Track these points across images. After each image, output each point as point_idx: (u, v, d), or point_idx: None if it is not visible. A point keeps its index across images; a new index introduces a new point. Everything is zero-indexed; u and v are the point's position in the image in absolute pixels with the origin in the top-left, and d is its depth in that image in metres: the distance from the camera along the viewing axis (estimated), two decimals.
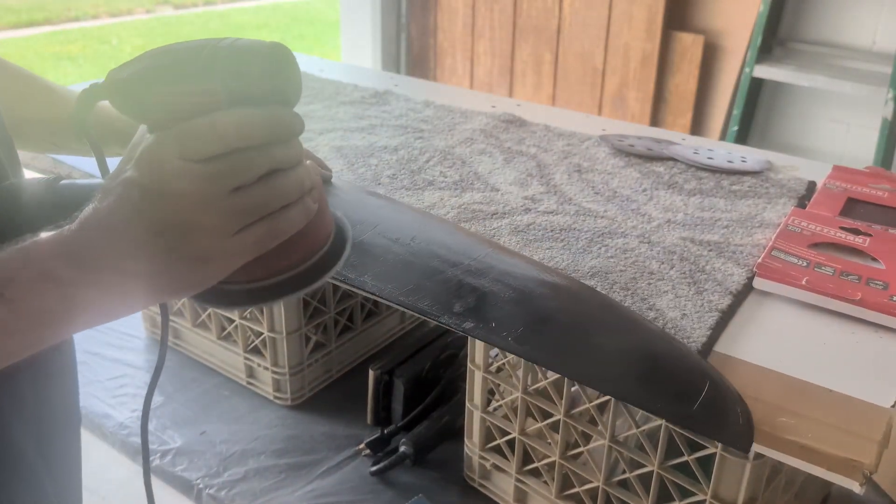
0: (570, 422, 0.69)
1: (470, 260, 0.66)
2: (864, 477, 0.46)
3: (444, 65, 2.95)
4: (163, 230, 0.40)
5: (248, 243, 0.42)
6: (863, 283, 0.65)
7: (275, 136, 0.41)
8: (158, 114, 0.41)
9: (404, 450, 0.83)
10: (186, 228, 0.40)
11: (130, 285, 0.41)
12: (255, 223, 0.42)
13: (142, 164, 0.40)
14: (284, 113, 0.42)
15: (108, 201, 0.40)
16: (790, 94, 2.33)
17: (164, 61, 0.41)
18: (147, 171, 0.40)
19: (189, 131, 0.40)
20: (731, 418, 0.51)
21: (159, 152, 0.40)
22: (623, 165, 0.91)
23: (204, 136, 0.40)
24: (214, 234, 0.41)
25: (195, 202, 0.40)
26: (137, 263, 0.40)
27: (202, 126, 0.40)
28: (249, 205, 0.41)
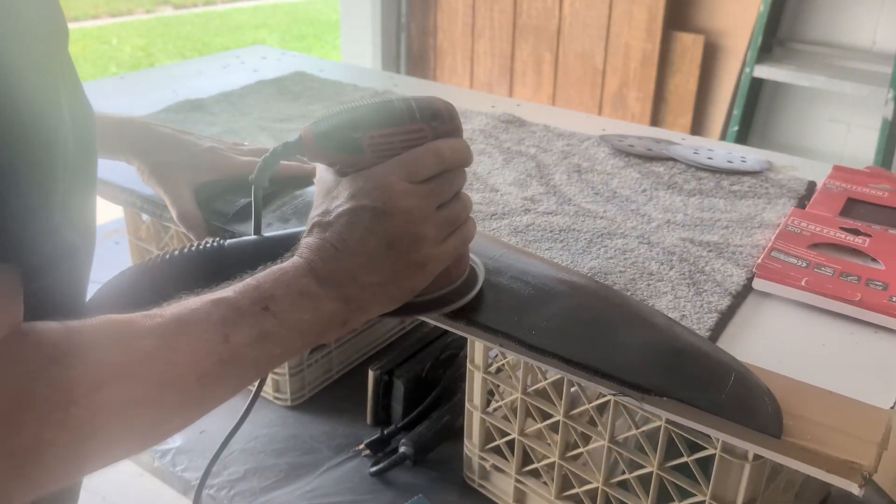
0: (570, 422, 0.69)
1: (486, 259, 0.66)
2: (863, 478, 0.46)
3: (444, 65, 2.95)
4: (393, 242, 0.49)
5: (450, 249, 0.53)
6: (862, 283, 0.65)
7: (466, 160, 0.54)
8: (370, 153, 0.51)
9: (404, 450, 0.83)
10: (412, 239, 0.50)
11: (368, 295, 0.50)
12: (454, 232, 0.53)
13: (366, 192, 0.49)
14: (467, 143, 0.55)
15: (334, 230, 0.49)
16: (790, 94, 2.33)
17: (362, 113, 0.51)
18: (375, 196, 0.49)
19: (413, 157, 0.51)
20: (760, 405, 0.51)
21: (387, 179, 0.50)
22: (623, 166, 0.91)
23: (427, 159, 0.51)
24: (431, 242, 0.51)
25: (418, 216, 0.50)
26: (373, 275, 0.49)
27: (425, 152, 0.51)
28: (451, 216, 0.52)
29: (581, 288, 0.65)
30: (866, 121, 2.18)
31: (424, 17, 2.93)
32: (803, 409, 0.51)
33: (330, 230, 0.49)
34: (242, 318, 0.44)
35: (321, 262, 0.48)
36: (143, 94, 1.13)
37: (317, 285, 0.48)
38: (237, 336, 0.43)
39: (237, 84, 1.18)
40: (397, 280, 0.50)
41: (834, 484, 0.47)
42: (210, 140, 0.79)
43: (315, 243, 0.49)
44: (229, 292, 0.45)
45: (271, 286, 0.46)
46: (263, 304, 0.45)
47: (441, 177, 0.51)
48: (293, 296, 0.46)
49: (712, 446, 0.58)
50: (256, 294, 0.45)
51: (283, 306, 0.46)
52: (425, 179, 0.51)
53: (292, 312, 0.46)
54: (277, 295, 0.46)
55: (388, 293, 0.51)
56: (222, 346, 0.42)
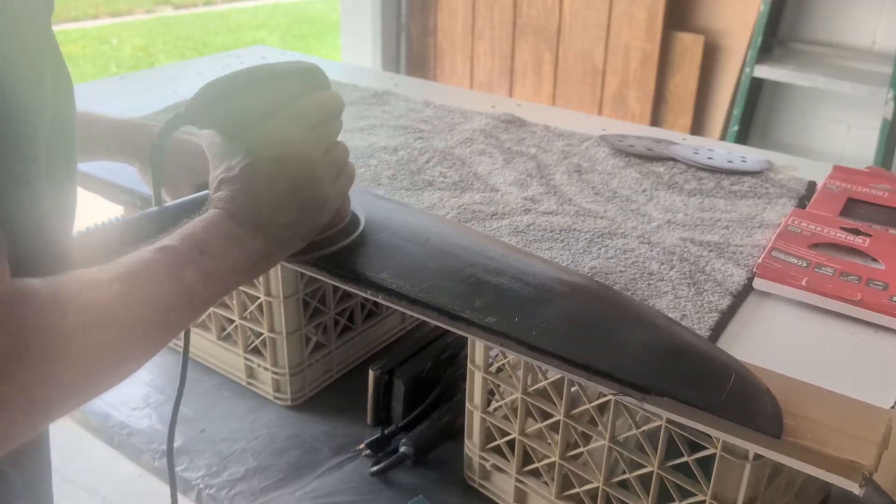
0: (570, 422, 0.69)
1: (487, 259, 0.66)
2: (863, 478, 0.46)
3: (444, 65, 2.95)
4: (295, 184, 0.56)
5: (342, 187, 0.61)
6: (863, 283, 0.65)
7: (340, 108, 0.60)
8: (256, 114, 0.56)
9: (404, 450, 0.83)
10: (310, 180, 0.57)
11: (285, 233, 0.56)
12: (341, 173, 0.60)
13: (266, 144, 0.55)
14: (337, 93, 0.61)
15: (242, 181, 0.55)
16: (790, 94, 2.33)
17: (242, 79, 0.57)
18: (273, 147, 0.55)
19: (302, 110, 0.57)
20: (760, 405, 0.51)
21: (280, 131, 0.56)
22: (623, 166, 0.91)
23: (313, 109, 0.58)
24: (326, 181, 0.58)
25: (313, 159, 0.57)
26: (285, 215, 0.56)
27: (311, 103, 0.58)
28: (337, 158, 0.60)
29: (581, 288, 0.65)
30: (866, 121, 2.18)
31: (424, 17, 2.93)
32: (803, 408, 0.51)
33: (239, 182, 0.55)
34: (187, 262, 0.49)
35: (238, 208, 0.54)
36: (143, 94, 1.13)
37: (239, 228, 0.53)
38: (186, 278, 0.48)
39: None
40: (305, 217, 0.57)
41: (834, 483, 0.48)
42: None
43: (227, 195, 0.54)
44: (170, 241, 0.49)
45: (201, 232, 0.51)
46: (200, 249, 0.50)
47: (325, 123, 0.59)
48: (222, 239, 0.52)
49: (713, 446, 0.58)
50: (192, 240, 0.50)
51: (215, 248, 0.51)
52: (313, 126, 0.57)
53: (225, 253, 0.52)
54: (209, 239, 0.51)
55: (297, 231, 0.57)
56: (178, 286, 0.47)
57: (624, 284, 0.66)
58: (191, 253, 0.49)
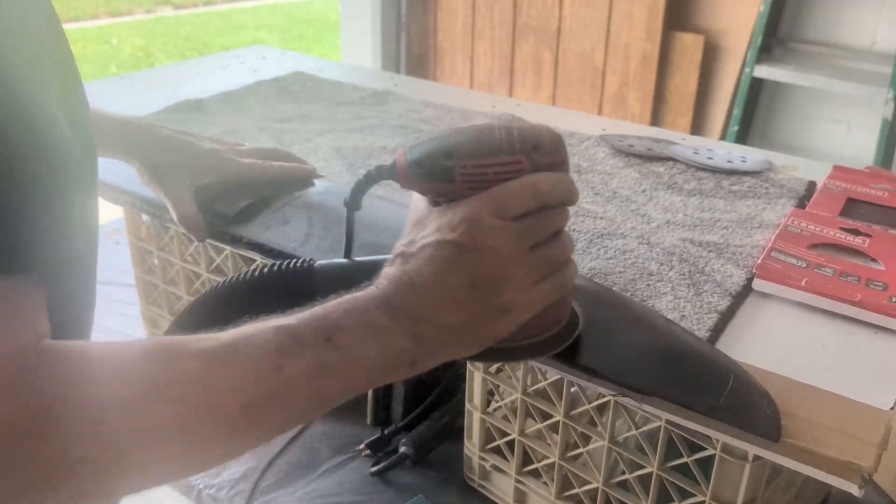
0: (570, 423, 0.69)
1: None
2: (863, 479, 0.47)
3: (444, 65, 2.95)
4: (476, 283, 0.45)
5: (542, 294, 0.48)
6: (862, 284, 0.65)
7: (569, 198, 0.48)
8: (461, 184, 0.47)
9: (404, 450, 0.83)
10: (497, 281, 0.46)
11: (442, 336, 0.46)
12: (548, 276, 0.48)
13: (453, 225, 0.45)
14: (572, 179, 0.49)
15: (415, 262, 0.46)
16: (790, 94, 2.33)
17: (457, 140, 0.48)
18: (462, 231, 0.45)
19: (506, 192, 0.46)
20: (758, 409, 0.51)
21: (475, 213, 0.45)
22: (623, 166, 0.91)
23: (521, 195, 0.46)
24: (519, 285, 0.46)
25: (506, 256, 0.45)
26: (451, 315, 0.45)
27: (519, 186, 0.46)
28: (546, 259, 0.47)
29: (580, 289, 0.65)
30: (866, 121, 2.18)
31: (424, 17, 2.93)
32: (803, 409, 0.51)
33: (411, 262, 0.46)
34: (301, 348, 0.41)
35: (396, 294, 0.45)
36: (143, 94, 1.13)
37: (388, 319, 0.44)
38: (292, 367, 0.40)
39: (237, 84, 1.18)
40: (477, 323, 0.46)
41: (834, 485, 0.48)
42: (211, 141, 0.79)
43: (394, 274, 0.46)
44: (293, 319, 0.42)
45: (339, 316, 0.43)
46: (327, 335, 0.42)
47: (537, 214, 0.47)
48: (361, 328, 0.43)
49: (712, 447, 0.58)
50: (321, 323, 0.43)
51: (348, 339, 0.43)
52: (518, 216, 0.46)
53: (357, 346, 0.43)
54: (344, 325, 0.43)
55: (464, 337, 0.47)
56: (273, 376, 0.40)
57: (623, 285, 0.66)
58: (314, 338, 0.41)
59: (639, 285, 0.66)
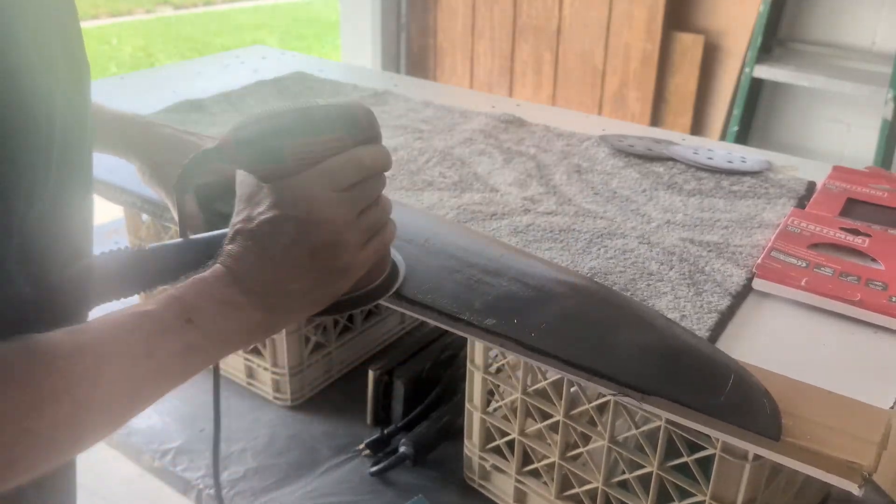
0: (570, 423, 0.69)
1: (486, 260, 0.66)
2: (862, 478, 0.47)
3: (444, 65, 2.95)
4: (316, 251, 0.49)
5: (371, 253, 0.53)
6: (862, 283, 0.65)
7: (385, 166, 0.53)
8: (292, 162, 0.50)
9: (404, 450, 0.83)
10: (334, 247, 0.50)
11: (292, 303, 0.50)
12: (374, 237, 0.53)
13: (290, 202, 0.49)
14: (386, 149, 0.54)
15: (257, 238, 0.49)
16: (790, 94, 2.33)
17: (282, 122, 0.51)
18: (300, 206, 0.49)
19: (334, 167, 0.50)
20: (758, 408, 0.51)
21: (308, 188, 0.49)
22: (623, 166, 0.91)
23: (348, 168, 0.51)
24: (353, 248, 0.51)
25: (340, 225, 0.50)
26: (298, 282, 0.49)
27: (346, 160, 0.51)
28: (372, 221, 0.53)
29: (580, 289, 0.65)
30: (866, 121, 2.18)
31: (424, 17, 2.93)
32: (803, 409, 0.51)
33: (253, 238, 0.49)
34: (167, 332, 0.44)
35: (244, 271, 0.48)
36: (143, 94, 1.13)
37: (240, 294, 0.47)
38: (162, 350, 0.43)
39: (237, 84, 1.18)
40: (320, 286, 0.51)
41: (834, 484, 0.48)
42: (212, 141, 0.79)
43: (237, 252, 0.49)
44: (153, 305, 0.44)
45: (193, 298, 0.46)
46: (187, 317, 0.44)
47: (362, 184, 0.52)
48: (216, 306, 0.46)
49: (712, 446, 0.58)
50: (180, 306, 0.45)
51: (206, 317, 0.45)
52: (347, 187, 0.51)
53: (216, 323, 0.46)
54: (200, 306, 0.46)
55: (311, 299, 0.51)
56: (148, 361, 0.43)
57: (623, 285, 0.66)
58: (175, 322, 0.44)
59: (639, 285, 0.66)
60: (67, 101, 0.41)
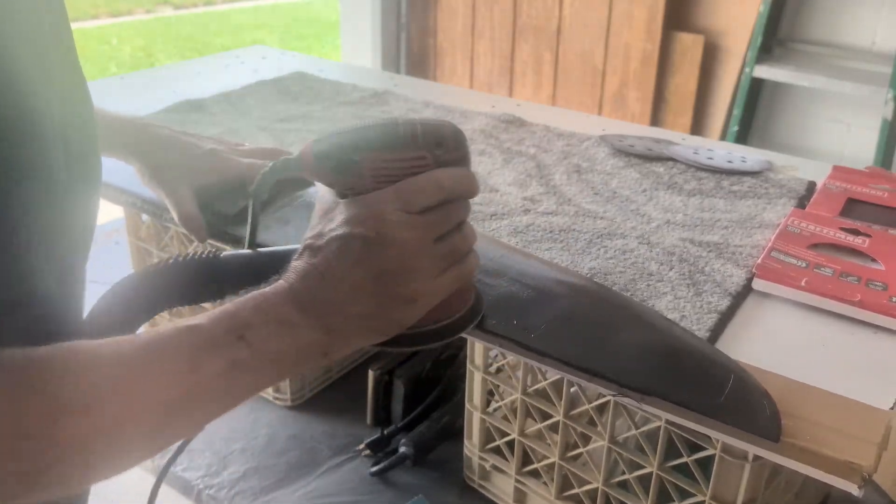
0: (570, 423, 0.69)
1: (486, 260, 0.66)
2: (862, 479, 0.47)
3: (444, 65, 2.95)
4: (382, 275, 0.47)
5: (446, 284, 0.50)
6: (862, 284, 0.65)
7: (470, 192, 0.51)
8: (369, 178, 0.48)
9: (404, 450, 0.83)
10: (403, 272, 0.47)
11: (352, 327, 0.47)
12: (451, 267, 0.50)
13: (360, 219, 0.47)
14: (473, 174, 0.52)
15: (323, 255, 0.47)
16: (790, 94, 2.33)
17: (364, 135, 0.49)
18: (369, 225, 0.47)
19: (411, 187, 0.48)
20: (758, 409, 0.51)
21: (382, 207, 0.47)
22: (623, 166, 0.91)
23: (426, 189, 0.48)
24: (424, 276, 0.48)
25: (412, 249, 0.47)
26: (359, 306, 0.47)
27: (424, 181, 0.48)
28: (450, 250, 0.50)
29: (580, 289, 0.65)
30: (866, 121, 2.18)
31: (424, 17, 2.93)
32: (803, 409, 0.51)
33: (319, 255, 0.47)
34: (214, 348, 0.42)
35: (305, 288, 0.46)
36: (143, 94, 1.13)
37: (297, 313, 0.45)
38: (207, 366, 0.41)
39: (237, 84, 1.18)
40: (384, 313, 0.48)
41: (833, 485, 0.48)
42: (211, 141, 0.79)
43: (302, 268, 0.47)
44: (203, 319, 0.43)
45: (249, 314, 0.44)
46: (239, 333, 0.43)
47: (440, 208, 0.49)
48: (271, 324, 0.44)
49: (712, 447, 0.58)
50: (232, 322, 0.43)
51: (259, 335, 0.43)
52: (423, 210, 0.48)
53: (269, 342, 0.44)
54: (254, 323, 0.44)
55: (372, 325, 0.49)
56: (190, 377, 0.41)
57: (623, 285, 0.66)
58: (226, 337, 0.42)
59: (639, 285, 0.66)
60: (67, 105, 0.41)
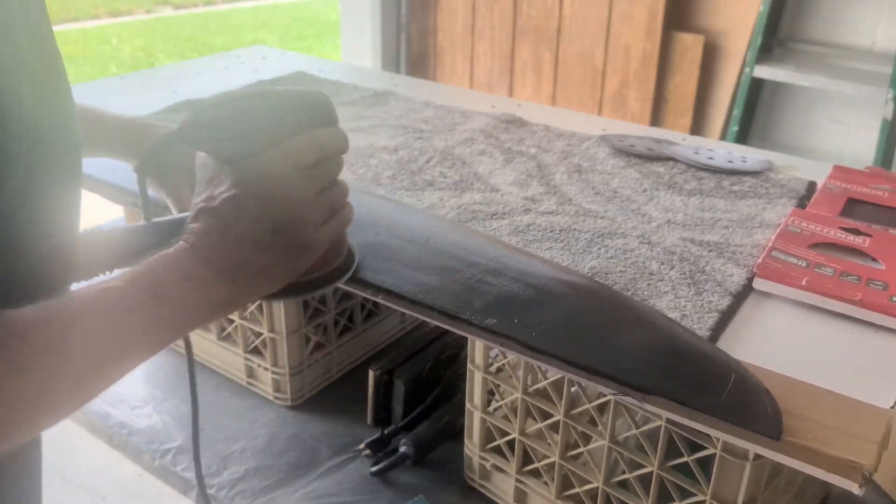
0: (570, 422, 0.69)
1: (487, 260, 0.66)
2: (863, 478, 0.47)
3: (444, 65, 2.95)
4: (278, 227, 0.51)
5: (330, 232, 0.55)
6: (863, 283, 0.65)
7: (343, 148, 0.56)
8: (250, 144, 0.52)
9: (404, 450, 0.83)
10: (295, 224, 0.52)
11: (256, 278, 0.52)
12: (333, 216, 0.55)
13: (251, 179, 0.51)
14: (344, 132, 0.56)
15: (220, 216, 0.50)
16: (790, 94, 2.33)
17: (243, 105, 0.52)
18: (260, 184, 0.51)
19: (295, 147, 0.52)
20: (759, 407, 0.51)
21: (271, 167, 0.51)
22: (623, 166, 0.91)
23: (308, 149, 0.52)
24: (312, 226, 0.53)
25: (301, 202, 0.52)
26: (261, 257, 0.51)
27: (305, 141, 0.53)
28: (330, 201, 0.54)
29: (581, 288, 0.65)
30: (866, 121, 2.18)
31: (424, 17, 2.93)
32: (803, 408, 0.51)
33: (215, 216, 0.51)
34: (137, 307, 0.45)
35: (208, 246, 0.50)
36: (143, 94, 1.13)
37: (205, 269, 0.49)
38: (131, 324, 0.44)
39: (237, 84, 1.18)
40: (282, 262, 0.53)
41: (834, 484, 0.48)
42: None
43: (201, 229, 0.50)
44: (119, 282, 0.46)
45: (160, 272, 0.47)
46: (153, 291, 0.46)
47: (320, 164, 0.54)
48: (182, 280, 0.48)
49: (713, 446, 0.58)
50: (146, 281, 0.46)
51: (173, 291, 0.47)
52: (306, 167, 0.53)
53: (182, 296, 0.47)
54: (167, 281, 0.47)
55: (273, 275, 0.53)
56: (116, 336, 0.44)
57: (624, 284, 0.66)
58: (142, 296, 0.45)
59: (639, 285, 0.66)
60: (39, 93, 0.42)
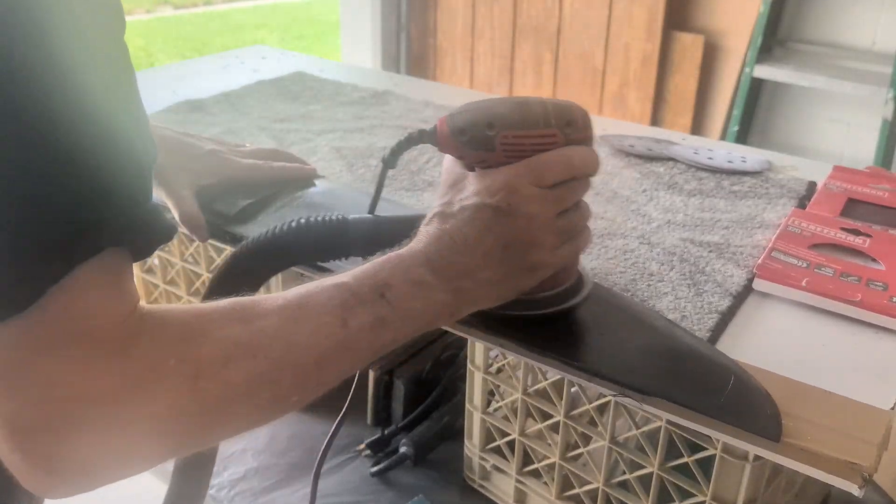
0: (570, 423, 0.69)
1: None
2: (863, 479, 0.46)
3: (444, 65, 2.95)
4: (511, 244, 0.50)
5: (563, 257, 0.53)
6: (863, 284, 0.65)
7: (594, 170, 0.53)
8: (501, 152, 0.51)
9: (404, 450, 0.83)
10: (529, 243, 0.50)
11: (479, 290, 0.51)
12: (569, 241, 0.53)
13: (492, 190, 0.50)
14: (597, 153, 0.54)
15: (455, 222, 0.50)
16: (790, 94, 2.33)
17: (498, 111, 0.52)
18: (501, 196, 0.50)
19: (543, 162, 0.51)
20: (759, 409, 0.51)
21: (514, 181, 0.50)
22: (623, 166, 0.91)
23: (556, 166, 0.51)
24: (546, 248, 0.51)
25: (539, 222, 0.50)
26: (487, 272, 0.50)
27: (556, 158, 0.51)
28: (570, 225, 0.53)
29: None
30: (866, 121, 2.18)
31: (424, 17, 2.93)
32: (803, 409, 0.51)
33: (450, 222, 0.50)
34: (360, 304, 0.45)
35: (438, 253, 0.49)
36: (143, 94, 1.13)
37: (431, 276, 0.48)
38: (354, 321, 0.45)
39: (237, 84, 1.18)
40: (508, 279, 0.51)
41: (834, 485, 0.48)
42: (212, 142, 0.79)
43: (434, 233, 0.50)
44: (348, 278, 0.46)
45: (388, 274, 0.47)
46: (380, 291, 0.46)
47: (566, 184, 0.52)
48: (408, 284, 0.47)
49: (713, 447, 0.58)
50: (374, 281, 0.47)
51: (397, 294, 0.47)
52: (551, 185, 0.51)
53: (406, 301, 0.47)
54: (393, 283, 0.47)
55: (496, 290, 0.52)
56: (340, 330, 0.44)
57: (624, 285, 0.66)
58: (370, 295, 0.46)
59: (639, 285, 0.66)
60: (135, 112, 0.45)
